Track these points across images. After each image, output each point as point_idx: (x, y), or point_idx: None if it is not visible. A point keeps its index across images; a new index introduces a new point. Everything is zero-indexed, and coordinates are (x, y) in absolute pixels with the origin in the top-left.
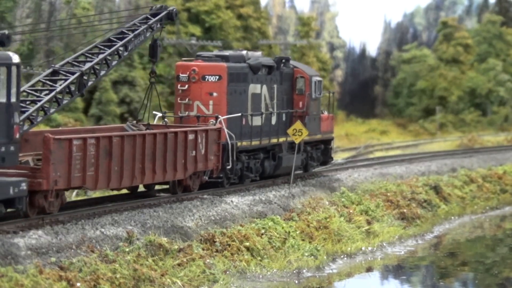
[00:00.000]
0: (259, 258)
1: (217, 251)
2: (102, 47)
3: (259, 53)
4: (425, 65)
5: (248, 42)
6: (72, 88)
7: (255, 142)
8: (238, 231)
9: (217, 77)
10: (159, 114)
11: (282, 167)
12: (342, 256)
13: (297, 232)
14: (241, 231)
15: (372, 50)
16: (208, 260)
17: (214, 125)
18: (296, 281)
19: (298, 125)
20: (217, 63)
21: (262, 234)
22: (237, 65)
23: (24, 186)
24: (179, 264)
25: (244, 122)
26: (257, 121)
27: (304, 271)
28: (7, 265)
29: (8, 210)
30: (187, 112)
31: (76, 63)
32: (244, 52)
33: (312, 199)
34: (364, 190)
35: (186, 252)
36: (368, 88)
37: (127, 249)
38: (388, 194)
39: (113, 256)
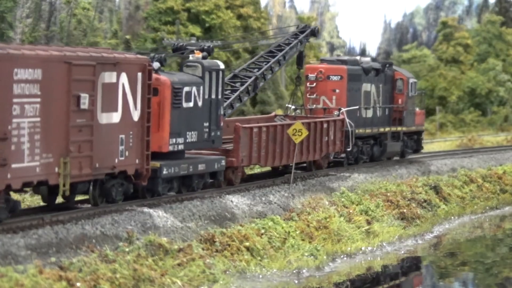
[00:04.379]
0: (259, 258)
1: (217, 251)
2: (267, 57)
3: (368, 58)
4: (425, 65)
5: (248, 42)
6: (249, 88)
7: (367, 130)
8: (238, 231)
9: (339, 77)
10: (292, 107)
11: (387, 152)
12: (342, 256)
13: (297, 232)
14: (241, 231)
15: (372, 50)
16: (208, 260)
17: (338, 116)
18: (296, 281)
19: (298, 125)
20: (339, 66)
21: (262, 234)
22: (353, 67)
23: (223, 162)
24: (179, 264)
25: (358, 114)
26: (368, 113)
27: (304, 271)
28: (7, 265)
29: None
30: (314, 105)
31: (249, 70)
32: (358, 57)
33: (312, 199)
34: (364, 190)
35: (186, 252)
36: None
37: (127, 249)
38: (388, 194)
39: (113, 256)
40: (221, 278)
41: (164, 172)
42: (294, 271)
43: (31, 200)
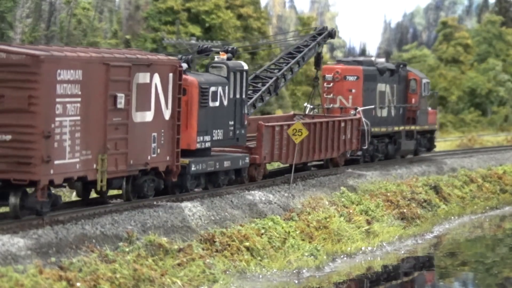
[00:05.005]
0: (259, 258)
1: (217, 251)
2: (286, 58)
3: (383, 59)
4: (425, 65)
5: (248, 42)
6: (270, 88)
7: (383, 129)
8: (238, 231)
9: (356, 77)
10: (310, 106)
11: (401, 150)
12: (342, 256)
13: (297, 232)
14: (241, 231)
15: (372, 50)
16: (208, 260)
17: (354, 115)
18: (296, 281)
19: (298, 125)
20: (356, 66)
21: (262, 234)
22: (369, 68)
23: (247, 159)
24: (179, 264)
25: (374, 113)
26: (383, 112)
27: (304, 271)
28: (7, 265)
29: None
30: (331, 104)
31: (270, 70)
32: (373, 58)
33: (312, 199)
34: (364, 190)
35: (186, 252)
36: None
37: (127, 249)
38: (388, 194)
39: (113, 256)
40: (221, 278)
41: (193, 168)
42: (294, 271)
43: None
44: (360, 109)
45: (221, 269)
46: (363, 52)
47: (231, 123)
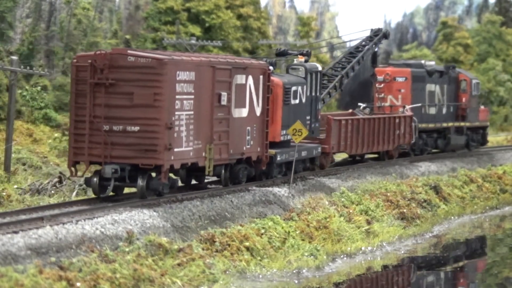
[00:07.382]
0: (259, 258)
1: (217, 251)
2: (348, 58)
3: (433, 62)
4: None
5: (248, 42)
6: (336, 85)
7: (431, 125)
8: (238, 231)
9: (404, 78)
10: (363, 105)
11: (451, 145)
12: (342, 256)
13: (297, 232)
14: (241, 231)
15: None
16: (208, 260)
17: (403, 112)
18: (296, 281)
19: (298, 125)
20: (404, 68)
21: (262, 234)
22: (417, 70)
23: (319, 149)
24: (179, 264)
25: (423, 111)
26: (432, 110)
27: (304, 271)
28: (7, 265)
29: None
30: (382, 103)
31: (335, 69)
32: (422, 61)
33: (312, 199)
34: (364, 190)
35: (186, 252)
36: (368, 88)
37: (127, 249)
38: (388, 194)
39: (113, 256)
40: (221, 278)
41: (278, 158)
42: (294, 271)
43: (30, 200)
44: (408, 107)
45: (221, 269)
46: None
47: (308, 118)
